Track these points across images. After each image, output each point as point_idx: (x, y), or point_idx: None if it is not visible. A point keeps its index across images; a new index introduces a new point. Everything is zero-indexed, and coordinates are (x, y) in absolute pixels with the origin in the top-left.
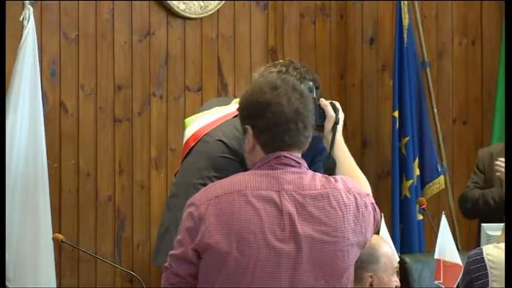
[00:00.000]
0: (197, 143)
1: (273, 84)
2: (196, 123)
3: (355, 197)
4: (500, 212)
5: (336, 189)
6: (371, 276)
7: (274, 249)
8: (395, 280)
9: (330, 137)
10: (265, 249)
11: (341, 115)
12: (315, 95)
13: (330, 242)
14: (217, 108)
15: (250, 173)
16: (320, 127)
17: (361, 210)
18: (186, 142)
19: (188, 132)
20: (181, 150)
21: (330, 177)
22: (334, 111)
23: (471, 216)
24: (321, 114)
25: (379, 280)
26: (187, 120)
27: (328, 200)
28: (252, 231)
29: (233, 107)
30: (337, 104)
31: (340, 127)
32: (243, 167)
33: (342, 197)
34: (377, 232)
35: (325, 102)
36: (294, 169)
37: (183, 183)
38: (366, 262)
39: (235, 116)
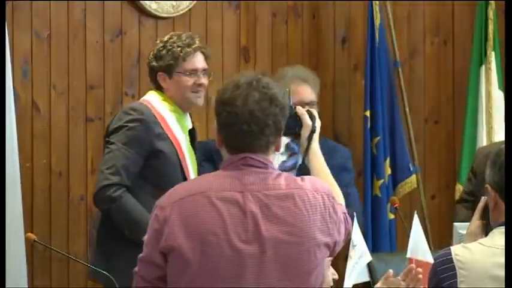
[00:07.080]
0: None
1: (236, 83)
2: None
3: (322, 197)
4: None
5: (301, 189)
6: None
7: (238, 251)
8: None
9: (306, 145)
10: (229, 250)
11: (318, 123)
12: (291, 102)
13: (295, 242)
14: None
15: (215, 174)
16: (297, 135)
17: (328, 210)
18: None
19: None
20: None
21: (296, 177)
22: (310, 120)
23: None
24: (298, 122)
25: None
26: None
27: (293, 200)
28: (215, 233)
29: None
30: (314, 112)
31: (316, 135)
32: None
33: (308, 196)
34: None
35: (302, 111)
36: (258, 169)
37: None
38: None
39: None
